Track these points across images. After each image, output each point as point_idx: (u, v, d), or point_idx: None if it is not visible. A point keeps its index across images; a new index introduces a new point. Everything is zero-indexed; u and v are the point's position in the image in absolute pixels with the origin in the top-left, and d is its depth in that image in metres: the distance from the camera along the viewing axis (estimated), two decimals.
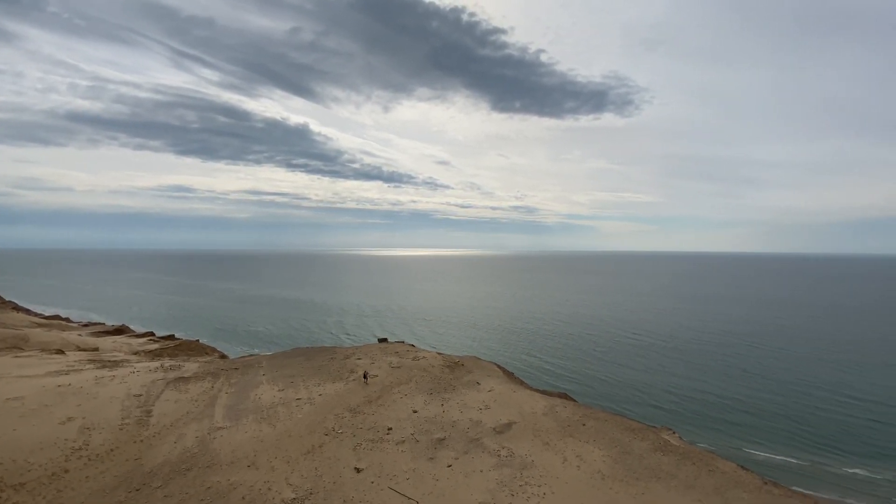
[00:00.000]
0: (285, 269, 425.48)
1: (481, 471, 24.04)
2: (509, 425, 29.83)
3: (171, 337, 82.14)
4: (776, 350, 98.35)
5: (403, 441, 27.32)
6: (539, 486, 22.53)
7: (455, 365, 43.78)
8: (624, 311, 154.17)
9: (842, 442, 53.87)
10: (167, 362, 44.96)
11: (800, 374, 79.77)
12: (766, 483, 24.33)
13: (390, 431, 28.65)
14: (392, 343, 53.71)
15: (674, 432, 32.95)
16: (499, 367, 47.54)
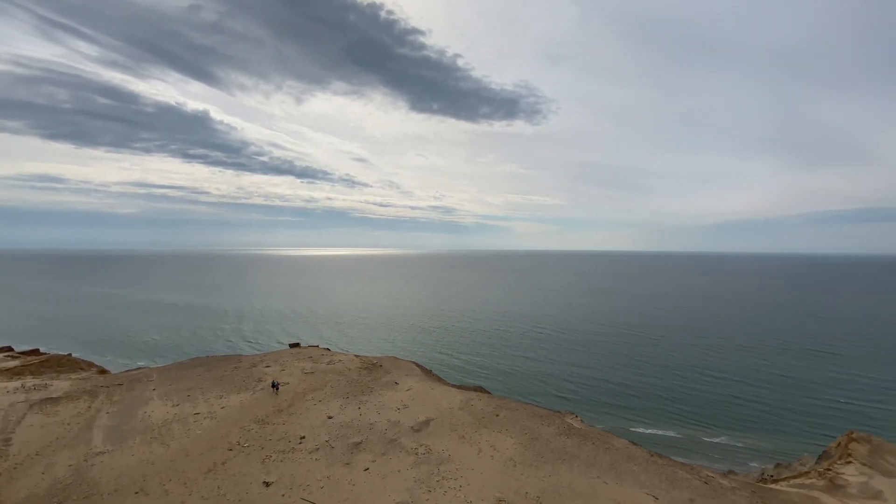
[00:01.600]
0: (180, 270, 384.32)
1: (399, 471, 24.03)
2: (427, 422, 30.19)
3: (36, 352, 69.80)
4: (657, 338, 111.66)
5: (317, 449, 26.30)
6: (455, 480, 23.13)
7: (373, 366, 43.16)
8: (532, 307, 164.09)
9: (709, 415, 62.89)
10: (29, 381, 38.22)
11: (675, 359, 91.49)
12: (652, 455, 27.51)
13: (303, 440, 27.40)
14: (305, 348, 51.32)
15: (576, 416, 35.81)
16: (417, 365, 47.83)
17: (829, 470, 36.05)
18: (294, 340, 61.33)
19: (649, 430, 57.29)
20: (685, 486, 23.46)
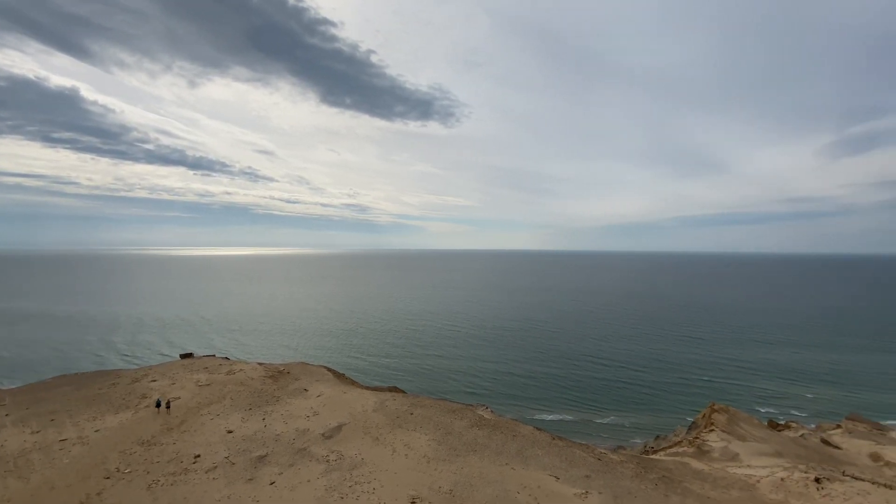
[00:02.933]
0: (37, 274, 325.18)
1: (309, 481, 22.96)
2: (339, 428, 29.27)
3: None
4: (556, 331, 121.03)
5: (215, 467, 24.07)
6: (369, 483, 22.74)
7: (279, 374, 40.65)
8: (445, 305, 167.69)
9: (600, 398, 69.58)
10: None
11: (571, 349, 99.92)
12: (554, 439, 29.64)
13: (198, 459, 24.88)
14: (200, 358, 46.65)
15: (487, 408, 37.30)
16: (329, 369, 46.10)
17: (696, 438, 41.93)
18: (184, 351, 55.31)
19: (551, 416, 61.74)
20: (582, 464, 25.63)
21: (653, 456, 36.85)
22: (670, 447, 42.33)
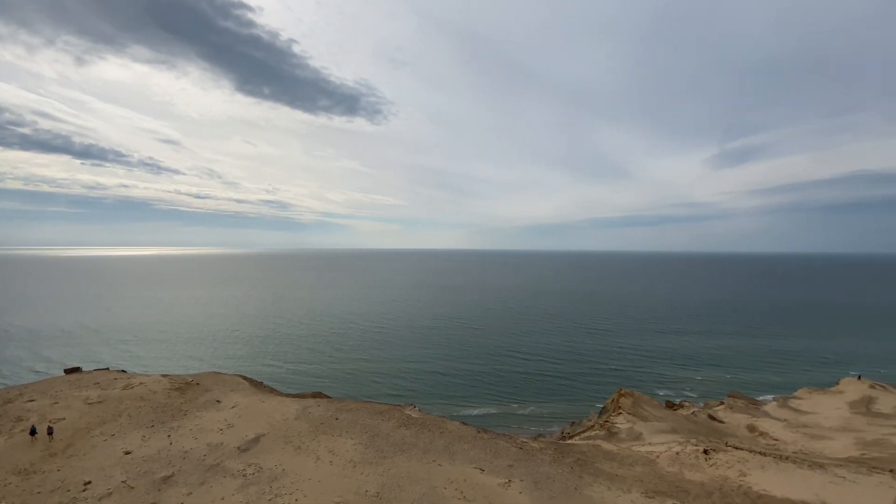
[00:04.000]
0: None
1: (223, 498, 21.32)
2: (257, 439, 27.55)
3: None
4: (479, 327, 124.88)
5: (109, 493, 21.42)
6: (290, 494, 21.69)
7: (187, 385, 37.22)
8: (370, 306, 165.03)
9: (521, 390, 73.04)
10: None
11: (493, 345, 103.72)
12: (479, 432, 30.53)
13: (88, 486, 21.96)
14: (89, 373, 41.18)
15: (415, 407, 37.39)
16: (245, 378, 43.16)
17: (606, 422, 45.62)
18: (67, 366, 48.41)
19: (476, 411, 63.57)
20: (505, 454, 26.72)
21: (569, 441, 39.44)
22: (584, 431, 45.67)
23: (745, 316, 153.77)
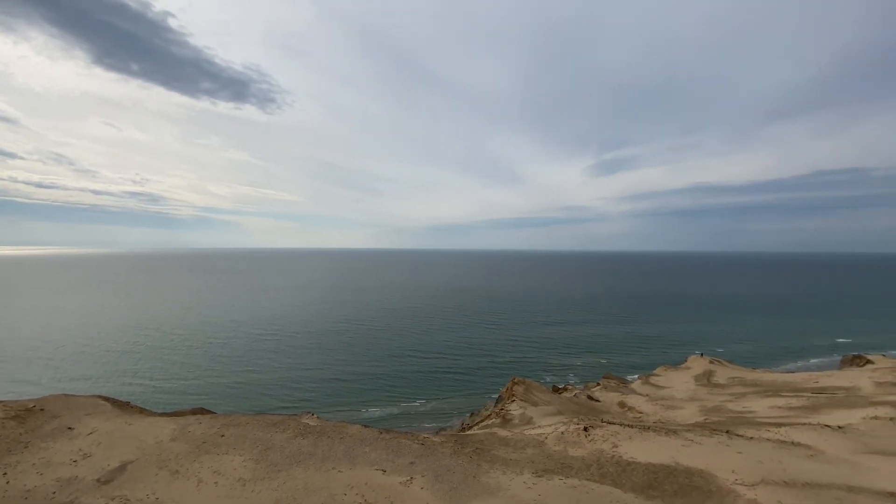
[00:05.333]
0: None
1: None
2: (122, 468, 23.86)
3: None
4: (383, 328, 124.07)
5: None
6: None
7: (27, 412, 30.77)
8: (260, 310, 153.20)
9: (423, 387, 74.18)
10: None
11: (394, 344, 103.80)
12: (381, 433, 30.22)
13: None
14: None
15: (313, 414, 35.67)
16: (106, 399, 37.06)
17: (502, 410, 48.38)
18: None
19: (379, 412, 62.96)
20: (407, 452, 26.86)
21: (468, 432, 41.05)
22: (482, 421, 47.94)
23: (616, 307, 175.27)
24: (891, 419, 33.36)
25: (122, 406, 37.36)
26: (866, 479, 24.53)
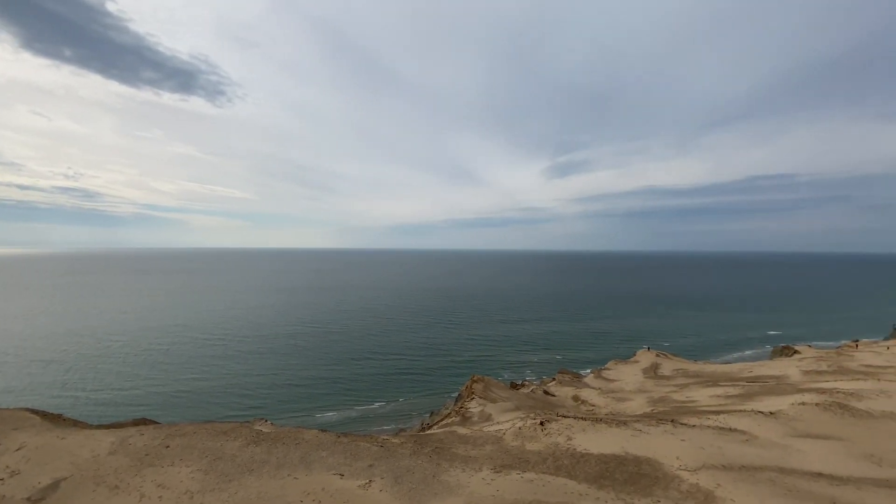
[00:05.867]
0: None
1: None
2: (55, 485, 21.99)
3: None
4: (341, 330, 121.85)
5: None
6: None
7: None
8: (205, 314, 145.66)
9: (382, 388, 73.41)
10: None
11: (355, 346, 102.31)
12: (339, 437, 29.65)
13: None
14: None
15: (266, 421, 34.45)
16: (34, 412, 33.97)
17: (461, 408, 48.80)
18: None
19: (336, 415, 61.72)
20: (365, 455, 26.51)
21: (428, 431, 41.09)
22: (442, 420, 48.13)
23: (571, 304, 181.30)
24: (816, 405, 36.59)
25: (54, 419, 34.46)
26: (795, 460, 26.81)
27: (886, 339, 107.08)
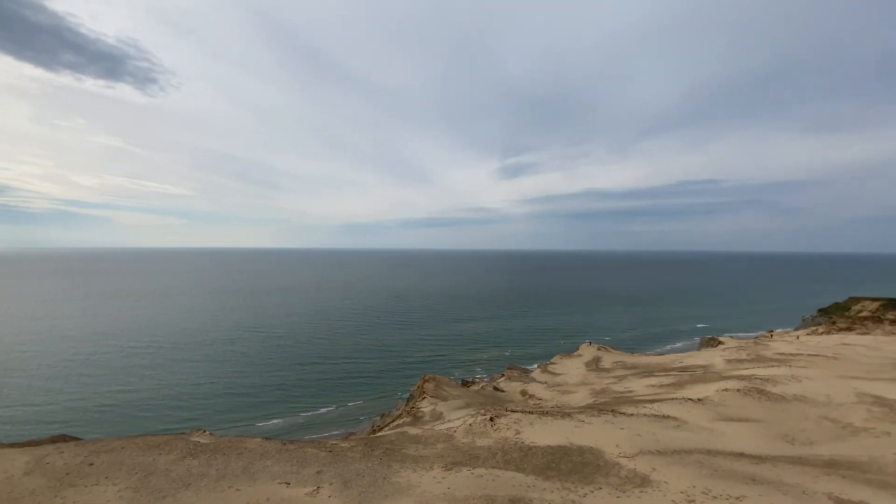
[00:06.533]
0: None
1: None
2: None
3: None
4: (286, 333, 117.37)
5: None
6: None
7: None
8: (135, 321, 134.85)
9: (331, 392, 71.68)
10: None
11: (298, 350, 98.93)
12: (285, 444, 28.56)
13: None
14: None
15: (204, 431, 32.47)
16: None
17: (413, 408, 48.67)
18: None
19: (281, 423, 59.41)
20: (313, 461, 25.76)
21: (379, 433, 40.61)
22: (393, 421, 47.74)
23: (519, 302, 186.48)
24: (737, 390, 40.13)
25: None
26: (720, 442, 29.25)
27: (796, 329, 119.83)
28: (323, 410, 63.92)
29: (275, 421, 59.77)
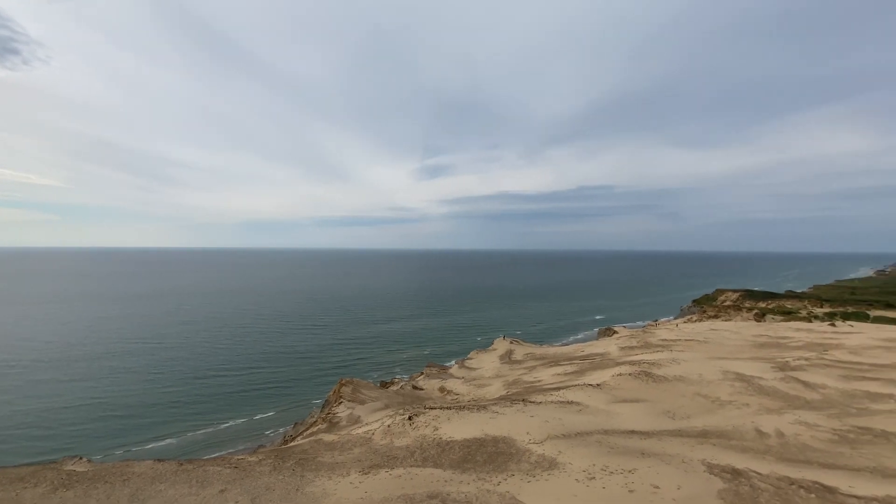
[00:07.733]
0: None
1: None
2: None
3: None
4: (181, 343, 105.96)
5: None
6: None
7: None
8: None
9: (234, 404, 66.07)
10: None
11: (193, 361, 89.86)
12: (182, 465, 25.86)
13: None
14: None
15: (81, 458, 28.19)
16: None
17: (328, 413, 46.94)
18: None
19: (176, 442, 53.66)
20: (216, 480, 23.70)
21: (291, 444, 38.53)
22: (307, 429, 45.59)
23: (436, 300, 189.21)
24: (629, 374, 44.76)
25: None
26: (615, 422, 32.37)
27: (676, 318, 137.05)
28: (226, 425, 58.79)
29: (167, 441, 53.69)
